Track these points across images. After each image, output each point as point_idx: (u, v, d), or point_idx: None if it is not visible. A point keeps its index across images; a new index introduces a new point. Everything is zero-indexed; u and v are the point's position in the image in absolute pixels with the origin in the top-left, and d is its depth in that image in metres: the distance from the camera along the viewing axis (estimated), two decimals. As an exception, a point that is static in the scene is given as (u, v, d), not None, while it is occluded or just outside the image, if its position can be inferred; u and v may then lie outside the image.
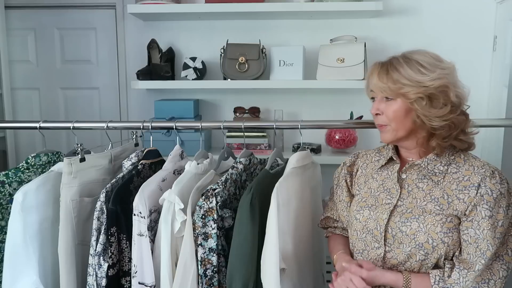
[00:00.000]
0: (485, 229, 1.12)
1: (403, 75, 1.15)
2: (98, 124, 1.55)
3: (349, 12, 2.16)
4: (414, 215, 1.17)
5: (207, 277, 1.29)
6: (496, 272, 1.15)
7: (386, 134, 1.22)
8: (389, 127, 1.20)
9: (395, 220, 1.19)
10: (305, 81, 2.21)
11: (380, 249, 1.20)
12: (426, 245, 1.14)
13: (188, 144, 1.96)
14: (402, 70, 1.16)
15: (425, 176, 1.21)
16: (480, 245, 1.12)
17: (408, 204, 1.20)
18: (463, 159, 1.21)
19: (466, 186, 1.16)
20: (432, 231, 1.14)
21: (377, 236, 1.20)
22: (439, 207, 1.16)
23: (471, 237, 1.13)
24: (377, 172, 1.30)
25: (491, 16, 2.23)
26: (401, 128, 1.19)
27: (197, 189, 1.33)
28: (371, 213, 1.23)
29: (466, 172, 1.18)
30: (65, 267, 1.36)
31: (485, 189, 1.13)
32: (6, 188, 1.45)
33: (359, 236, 1.25)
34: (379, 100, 1.21)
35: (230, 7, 2.13)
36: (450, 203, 1.16)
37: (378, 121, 1.23)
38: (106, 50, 2.47)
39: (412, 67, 1.15)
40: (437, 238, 1.14)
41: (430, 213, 1.16)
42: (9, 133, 2.44)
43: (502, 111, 1.99)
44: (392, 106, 1.18)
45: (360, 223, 1.25)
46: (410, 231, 1.16)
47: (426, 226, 1.15)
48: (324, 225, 1.46)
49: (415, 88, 1.14)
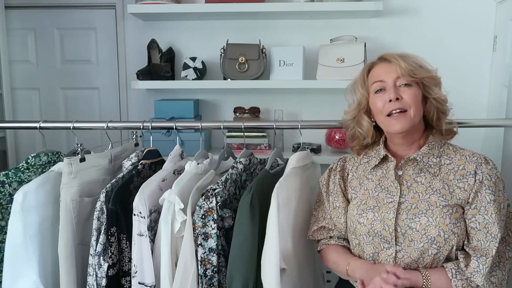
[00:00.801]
0: (493, 213, 1.15)
1: (422, 62, 1.24)
2: (98, 124, 1.55)
3: (349, 12, 2.16)
4: (421, 210, 1.17)
5: (207, 277, 1.29)
6: (503, 254, 1.18)
7: (405, 121, 1.20)
8: (408, 113, 1.20)
9: (402, 217, 1.19)
10: (305, 81, 2.21)
11: (391, 249, 1.18)
12: (438, 238, 1.14)
13: (188, 144, 1.96)
14: (418, 58, 1.25)
15: (422, 170, 1.23)
16: (491, 229, 1.14)
17: (411, 200, 1.20)
18: (453, 150, 1.26)
19: (463, 175, 1.19)
20: (442, 224, 1.14)
21: (386, 236, 1.19)
22: (443, 198, 1.17)
23: (480, 223, 1.15)
24: (370, 173, 1.30)
25: (491, 16, 2.23)
26: (418, 114, 1.22)
27: (197, 189, 1.33)
28: (375, 215, 1.22)
29: (460, 162, 1.22)
30: (65, 267, 1.36)
31: (484, 175, 1.17)
32: (6, 188, 1.45)
33: (367, 240, 1.22)
34: (394, 87, 1.22)
35: (230, 7, 2.13)
36: (452, 193, 1.18)
37: (396, 106, 1.20)
38: (106, 50, 2.47)
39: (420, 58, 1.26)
40: (448, 230, 1.14)
41: (436, 205, 1.17)
42: (9, 133, 2.44)
43: (502, 111, 1.99)
44: (412, 90, 1.21)
45: (365, 227, 1.22)
46: (420, 226, 1.16)
47: (435, 219, 1.15)
48: (317, 238, 1.40)
49: (432, 73, 1.23)
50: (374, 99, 1.26)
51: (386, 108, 1.22)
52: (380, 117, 1.25)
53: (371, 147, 1.34)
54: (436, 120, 1.25)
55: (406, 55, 1.24)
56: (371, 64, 1.31)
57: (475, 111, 1.43)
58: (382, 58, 1.28)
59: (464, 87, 1.27)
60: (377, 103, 1.24)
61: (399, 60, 1.22)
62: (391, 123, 1.22)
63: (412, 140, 1.26)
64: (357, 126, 1.32)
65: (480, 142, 2.19)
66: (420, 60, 1.25)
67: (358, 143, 1.34)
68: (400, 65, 1.20)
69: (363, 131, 1.30)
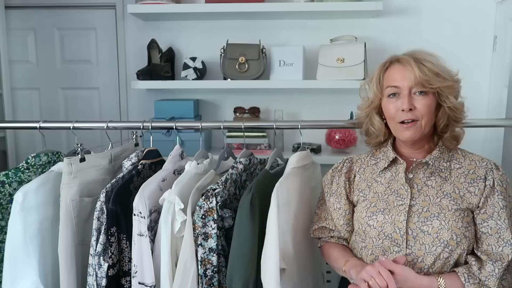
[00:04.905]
0: (506, 218, 1.15)
1: (440, 69, 1.18)
2: (98, 124, 1.55)
3: (349, 12, 2.16)
4: (433, 213, 1.17)
5: (207, 277, 1.29)
6: (506, 257, 1.18)
7: (415, 131, 1.18)
8: (419, 123, 1.18)
9: (414, 220, 1.18)
10: (305, 81, 2.21)
11: (401, 252, 1.17)
12: (451, 242, 1.14)
13: (188, 144, 1.96)
14: (436, 63, 1.18)
15: (432, 173, 1.22)
16: (503, 234, 1.14)
17: (422, 203, 1.19)
18: (462, 155, 1.25)
19: (474, 179, 1.19)
20: (455, 227, 1.14)
21: (397, 239, 1.17)
22: (454, 202, 1.17)
23: (492, 228, 1.15)
24: (379, 175, 1.29)
25: (491, 16, 2.23)
26: (428, 124, 1.19)
27: (197, 189, 1.33)
28: (385, 217, 1.20)
29: (469, 166, 1.21)
30: (65, 267, 1.36)
31: (495, 181, 1.17)
32: (6, 188, 1.45)
33: (376, 243, 1.21)
34: (409, 95, 1.17)
35: (230, 7, 2.13)
36: (463, 197, 1.18)
37: (409, 117, 1.17)
38: (106, 50, 2.47)
39: (439, 61, 1.19)
40: (460, 233, 1.14)
41: (448, 209, 1.16)
42: (9, 133, 2.44)
43: (502, 111, 1.99)
44: (426, 100, 1.17)
45: (375, 229, 1.21)
46: (433, 229, 1.15)
47: (448, 222, 1.15)
48: (318, 236, 1.40)
49: (449, 82, 1.17)
50: (387, 103, 1.23)
51: (399, 116, 1.19)
52: (391, 122, 1.23)
53: (379, 147, 1.33)
54: (444, 127, 1.22)
55: (423, 59, 1.17)
56: (389, 64, 1.24)
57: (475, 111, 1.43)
58: (398, 60, 1.22)
59: (464, 87, 1.27)
60: (390, 109, 1.21)
61: (414, 67, 1.15)
62: (401, 130, 1.20)
63: (420, 145, 1.25)
64: (369, 124, 1.31)
65: (480, 142, 2.19)
66: (438, 65, 1.18)
67: (373, 140, 1.33)
68: (415, 73, 1.15)
69: (375, 129, 1.29)
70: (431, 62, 1.18)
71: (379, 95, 1.25)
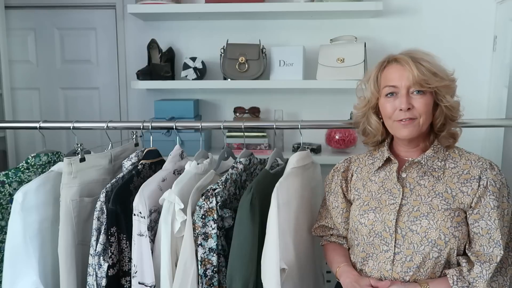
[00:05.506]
0: (496, 219, 1.14)
1: (437, 68, 1.18)
2: (98, 124, 1.55)
3: (349, 12, 2.16)
4: (423, 212, 1.17)
5: (207, 277, 1.29)
6: (505, 260, 1.18)
7: (413, 129, 1.18)
8: (417, 121, 1.18)
9: (403, 219, 1.18)
10: (305, 81, 2.21)
11: (390, 251, 1.18)
12: (439, 241, 1.14)
13: (188, 144, 1.96)
14: (433, 62, 1.19)
15: (425, 173, 1.22)
16: (493, 235, 1.14)
17: (413, 202, 1.20)
18: (458, 154, 1.24)
19: (467, 179, 1.18)
20: (443, 227, 1.14)
21: (386, 238, 1.19)
22: (445, 202, 1.17)
23: (483, 228, 1.15)
24: (374, 175, 1.30)
25: (491, 16, 2.23)
26: (426, 122, 1.20)
27: (197, 189, 1.33)
28: (376, 216, 1.22)
29: (464, 166, 1.21)
30: (65, 267, 1.36)
31: (488, 181, 1.16)
32: (6, 188, 1.45)
33: (367, 241, 1.23)
34: (407, 95, 1.18)
35: (230, 7, 2.13)
36: (455, 197, 1.18)
37: (407, 116, 1.18)
38: (106, 50, 2.47)
39: (435, 60, 1.20)
40: (448, 233, 1.14)
41: (438, 209, 1.16)
42: (9, 133, 2.44)
43: (502, 111, 1.99)
44: (424, 99, 1.18)
45: (366, 227, 1.23)
46: (421, 229, 1.16)
47: (436, 222, 1.15)
48: (319, 234, 1.43)
49: (446, 81, 1.18)
50: (384, 102, 1.23)
51: (396, 115, 1.19)
52: (388, 121, 1.23)
53: (377, 147, 1.33)
54: (441, 126, 1.23)
55: (421, 59, 1.18)
56: (386, 63, 1.25)
57: (475, 111, 1.44)
58: (396, 59, 1.22)
59: (464, 87, 1.27)
60: (387, 108, 1.21)
61: (412, 67, 1.16)
62: (398, 128, 1.20)
63: (417, 144, 1.25)
64: (366, 123, 1.31)
65: (480, 142, 2.19)
66: (435, 65, 1.19)
67: (370, 140, 1.33)
68: (413, 73, 1.15)
69: (373, 129, 1.29)
70: (428, 61, 1.18)
71: (376, 94, 1.25)
